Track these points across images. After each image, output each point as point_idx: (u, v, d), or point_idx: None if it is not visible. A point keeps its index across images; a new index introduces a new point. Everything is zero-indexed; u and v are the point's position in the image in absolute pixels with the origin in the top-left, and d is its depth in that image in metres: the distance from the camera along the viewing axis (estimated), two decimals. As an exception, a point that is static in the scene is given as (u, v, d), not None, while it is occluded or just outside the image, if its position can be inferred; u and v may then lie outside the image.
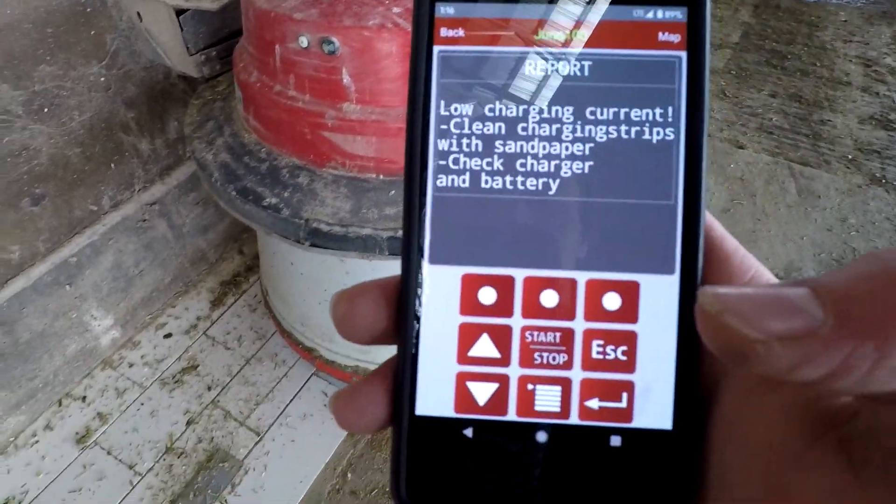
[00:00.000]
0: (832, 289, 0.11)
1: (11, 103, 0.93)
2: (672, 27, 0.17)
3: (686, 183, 0.17)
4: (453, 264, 0.17)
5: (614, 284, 0.17)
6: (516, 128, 0.17)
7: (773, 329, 0.11)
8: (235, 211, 0.89)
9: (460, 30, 0.17)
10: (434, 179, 0.17)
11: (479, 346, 0.17)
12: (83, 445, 1.16)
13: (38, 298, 1.10)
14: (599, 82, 0.17)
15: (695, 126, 0.16)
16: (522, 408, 0.17)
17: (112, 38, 1.03)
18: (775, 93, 2.10)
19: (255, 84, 0.86)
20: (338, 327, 0.17)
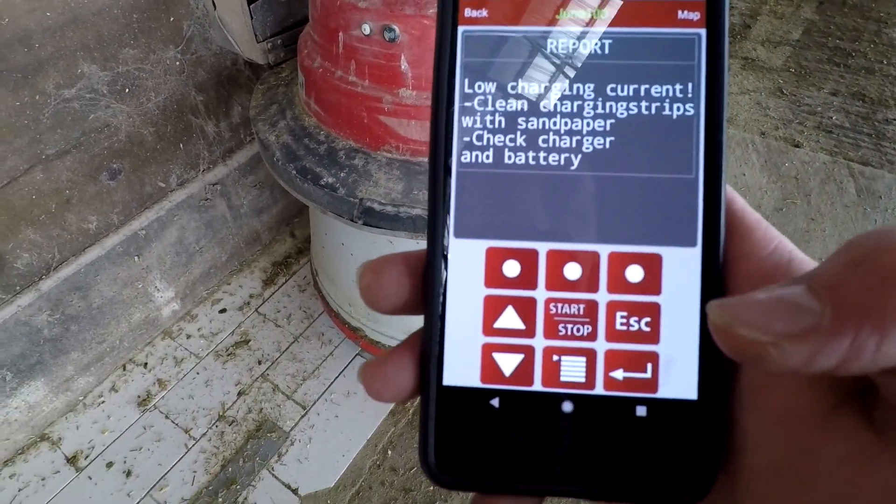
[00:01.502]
0: (824, 281, 0.12)
1: (99, 83, 1.01)
2: (691, 5, 0.17)
3: (706, 157, 0.17)
4: (478, 238, 0.17)
5: (637, 257, 0.17)
6: (539, 105, 0.17)
7: (780, 330, 0.12)
8: (294, 189, 0.94)
9: (484, 10, 0.17)
10: (458, 155, 0.17)
11: (504, 318, 0.17)
12: (144, 408, 1.24)
13: (111, 267, 1.18)
14: (621, 59, 0.17)
15: (714, 101, 0.17)
16: (548, 378, 0.17)
17: (188, 24, 1.10)
18: (837, 91, 2.02)
19: (318, 70, 0.91)
20: (362, 296, 0.18)
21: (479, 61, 0.17)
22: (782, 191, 1.69)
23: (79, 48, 0.96)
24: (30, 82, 0.93)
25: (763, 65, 2.17)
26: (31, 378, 1.13)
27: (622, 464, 0.17)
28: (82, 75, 0.99)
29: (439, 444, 0.17)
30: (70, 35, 0.94)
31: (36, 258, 1.06)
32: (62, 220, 1.07)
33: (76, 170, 1.05)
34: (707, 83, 0.17)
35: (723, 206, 0.17)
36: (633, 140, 0.17)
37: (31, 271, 1.06)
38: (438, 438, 0.17)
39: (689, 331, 0.17)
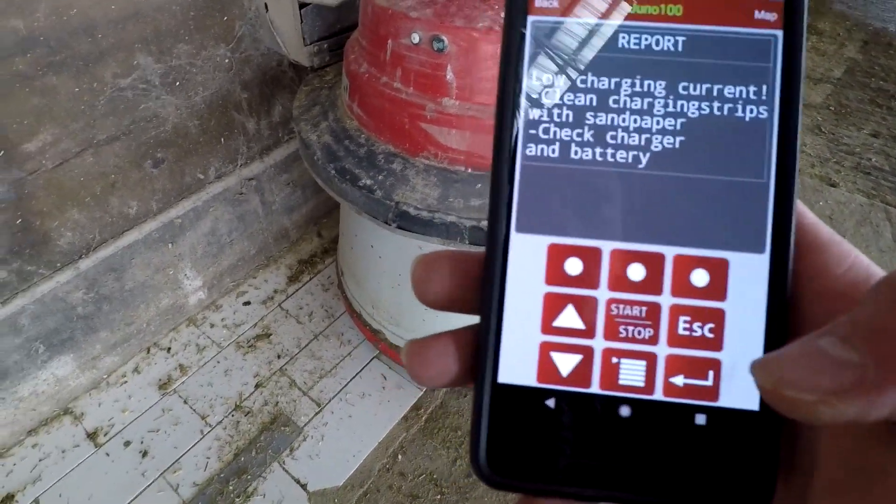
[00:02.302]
0: (861, 331, 0.12)
1: (152, 75, 1.05)
2: (769, 5, 0.16)
3: (778, 162, 0.16)
4: (540, 233, 0.17)
5: (703, 261, 0.16)
6: (608, 100, 0.17)
7: (827, 387, 0.12)
8: (332, 189, 0.96)
9: (554, 1, 0.17)
10: (524, 148, 0.17)
11: (563, 317, 0.17)
12: (164, 392, 1.27)
13: (146, 252, 1.22)
14: (693, 58, 0.17)
15: (789, 105, 0.16)
16: (606, 381, 0.17)
17: (240, 24, 1.14)
18: (878, 133, 1.99)
19: (364, 75, 0.93)
20: (414, 288, 0.18)
21: (547, 52, 0.17)
22: (814, 228, 1.66)
23: (137, 41, 1.01)
24: (90, 70, 0.97)
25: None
26: (62, 353, 1.16)
27: (677, 473, 0.16)
28: (138, 66, 1.03)
29: (491, 442, 0.17)
30: (131, 28, 0.99)
31: (78, 238, 1.10)
32: (106, 203, 1.11)
33: (123, 156, 1.09)
34: (782, 86, 0.16)
35: (794, 213, 0.16)
36: (704, 141, 0.17)
37: (72, 250, 1.10)
38: (491, 437, 0.17)
39: (754, 339, 0.16)
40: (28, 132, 0.94)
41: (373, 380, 1.30)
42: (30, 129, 0.94)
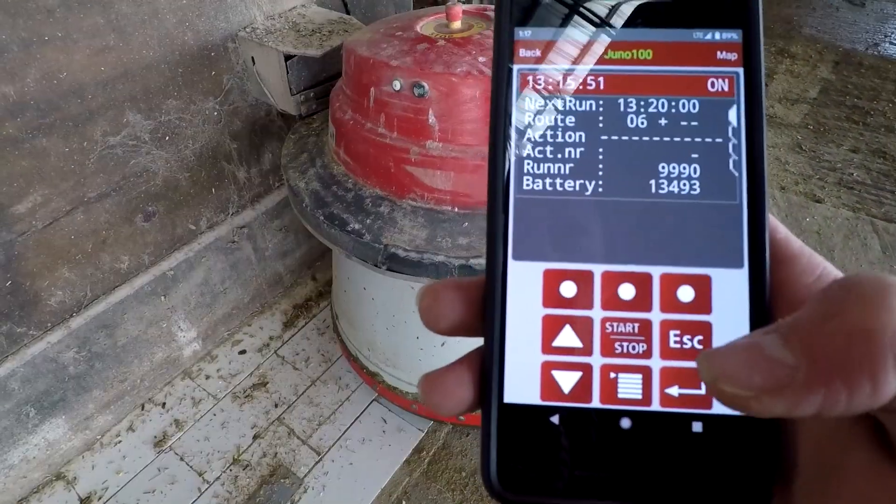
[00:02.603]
0: (798, 333, 0.13)
1: (142, 131, 1.07)
2: (729, 46, 0.18)
3: (749, 183, 0.18)
4: (536, 260, 0.18)
5: (687, 278, 0.18)
6: (592, 134, 0.18)
7: (759, 385, 0.13)
8: (321, 235, 0.96)
9: (537, 50, 0.19)
10: (516, 183, 0.19)
11: (562, 337, 0.18)
12: (160, 449, 1.24)
13: (138, 306, 1.21)
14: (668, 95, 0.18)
15: (755, 132, 0.18)
16: (606, 395, 0.17)
17: (228, 78, 1.17)
18: (857, 148, 2.03)
19: (349, 121, 0.95)
20: (422, 316, 0.18)
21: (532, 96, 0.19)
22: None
23: (126, 99, 1.03)
24: (79, 130, 0.99)
25: (781, 121, 2.20)
26: (53, 415, 1.14)
27: (679, 479, 0.17)
28: (127, 124, 1.05)
29: (501, 460, 0.17)
30: (120, 87, 1.01)
31: (69, 296, 1.09)
32: (97, 259, 1.11)
33: (114, 212, 1.10)
34: (747, 117, 0.18)
35: (766, 229, 0.18)
36: (680, 168, 0.18)
37: (63, 309, 1.09)
38: (500, 455, 0.17)
39: None
40: (18, 194, 0.95)
41: (373, 424, 1.27)
42: (19, 191, 0.95)
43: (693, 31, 0.18)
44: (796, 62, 2.56)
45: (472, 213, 0.90)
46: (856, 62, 2.54)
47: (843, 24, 2.88)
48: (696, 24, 0.18)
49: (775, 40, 2.74)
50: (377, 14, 1.43)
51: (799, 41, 2.72)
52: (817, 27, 2.85)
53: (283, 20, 1.18)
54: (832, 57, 2.59)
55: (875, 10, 3.02)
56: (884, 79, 2.42)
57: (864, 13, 2.98)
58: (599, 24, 0.19)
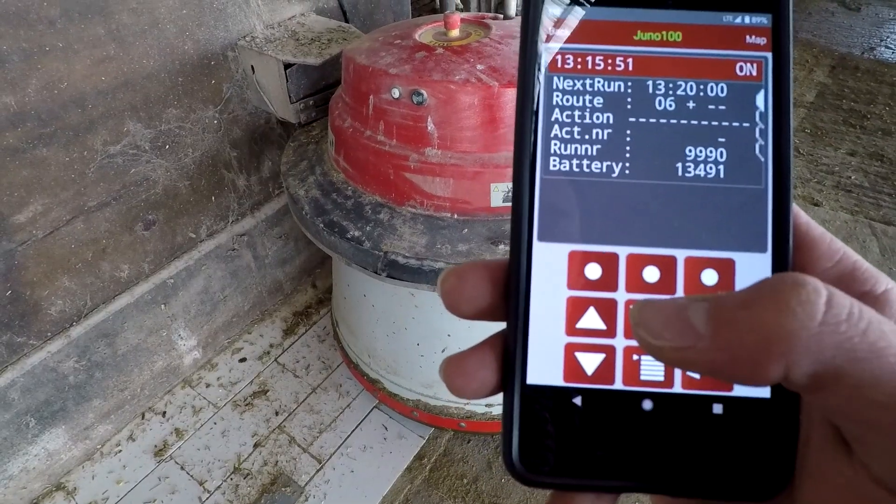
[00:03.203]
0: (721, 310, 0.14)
1: (142, 140, 1.07)
2: (758, 31, 0.18)
3: (775, 168, 0.18)
4: (561, 241, 0.18)
5: (711, 261, 0.18)
6: (619, 116, 0.18)
7: (668, 339, 0.14)
8: (321, 242, 0.97)
9: (566, 30, 0.19)
10: (543, 164, 0.18)
11: (586, 319, 0.18)
12: (160, 458, 1.23)
13: (138, 315, 1.21)
14: (697, 78, 0.18)
15: (782, 117, 0.18)
16: (628, 377, 0.18)
17: (228, 86, 1.17)
18: (854, 151, 2.04)
19: (348, 129, 0.96)
20: (444, 300, 0.18)
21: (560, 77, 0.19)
22: (804, 249, 1.68)
23: (127, 108, 1.03)
24: (80, 139, 0.99)
25: (778, 125, 2.20)
26: (53, 425, 1.14)
27: (700, 460, 0.17)
28: (127, 133, 1.05)
29: (523, 441, 0.18)
30: (120, 97, 1.02)
31: (69, 305, 1.09)
32: (97, 268, 1.11)
33: (114, 220, 1.10)
34: (774, 102, 0.18)
35: (791, 214, 0.18)
36: (708, 151, 0.18)
37: (63, 318, 1.09)
38: (522, 436, 0.18)
39: None
40: (18, 204, 0.95)
41: (373, 431, 1.27)
42: (20, 201, 0.95)
43: (723, 14, 0.18)
44: (793, 66, 2.57)
45: (472, 220, 0.90)
46: (852, 66, 2.56)
47: (838, 28, 2.90)
48: (725, 7, 0.18)
49: (772, 45, 2.75)
50: (376, 22, 1.44)
51: (795, 46, 2.73)
52: (813, 32, 2.87)
53: (282, 29, 1.19)
54: (828, 61, 2.61)
55: (870, 14, 3.04)
56: (880, 82, 2.43)
57: (859, 17, 3.00)
58: (630, 4, 0.19)
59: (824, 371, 0.13)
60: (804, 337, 0.13)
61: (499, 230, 0.89)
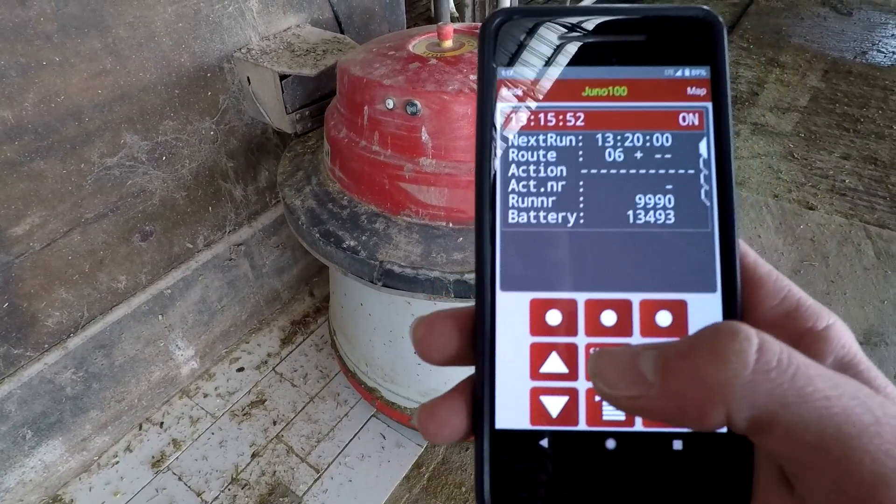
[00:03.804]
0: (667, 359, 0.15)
1: (139, 152, 1.08)
2: (698, 83, 0.19)
3: (720, 212, 0.19)
4: (522, 290, 0.19)
5: (665, 303, 0.19)
6: (572, 168, 0.19)
7: (621, 390, 0.16)
8: (317, 252, 0.97)
9: (518, 89, 0.20)
10: (502, 217, 0.19)
11: (549, 363, 0.19)
12: (157, 469, 1.23)
13: (135, 325, 1.21)
14: (643, 129, 0.19)
15: (724, 163, 0.19)
16: (591, 418, 0.18)
17: (224, 98, 1.18)
18: (848, 155, 2.05)
19: (344, 140, 0.96)
20: (416, 348, 0.19)
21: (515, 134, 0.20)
22: (799, 252, 1.69)
23: (123, 121, 1.04)
24: (77, 152, 1.00)
25: (773, 130, 2.22)
26: (50, 437, 1.14)
27: (663, 495, 0.18)
28: (124, 145, 1.06)
29: (494, 483, 0.18)
30: (117, 109, 1.02)
31: (66, 316, 1.09)
32: (94, 279, 1.11)
33: (111, 232, 1.11)
34: (715, 147, 0.19)
35: (737, 254, 0.19)
36: (655, 198, 0.19)
37: (60, 329, 1.09)
38: (493, 478, 0.18)
39: None
40: (15, 216, 0.96)
41: (371, 440, 1.27)
42: (17, 214, 0.96)
43: (664, 68, 0.20)
44: (786, 71, 2.60)
45: (467, 228, 0.91)
46: (844, 70, 2.58)
47: (831, 33, 2.92)
48: (666, 62, 0.20)
49: (765, 50, 2.78)
50: (371, 33, 1.45)
51: (788, 51, 2.76)
52: (806, 37, 2.89)
53: (277, 40, 1.20)
54: (821, 66, 2.63)
55: (862, 18, 3.06)
56: (872, 86, 2.45)
57: (851, 22, 3.02)
58: (577, 63, 0.20)
59: (760, 416, 0.14)
60: (738, 385, 0.14)
61: (493, 238, 0.89)
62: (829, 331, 0.17)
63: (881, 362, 1.38)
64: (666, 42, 0.20)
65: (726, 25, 0.20)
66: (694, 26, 0.20)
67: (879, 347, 1.41)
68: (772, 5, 3.28)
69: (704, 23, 0.19)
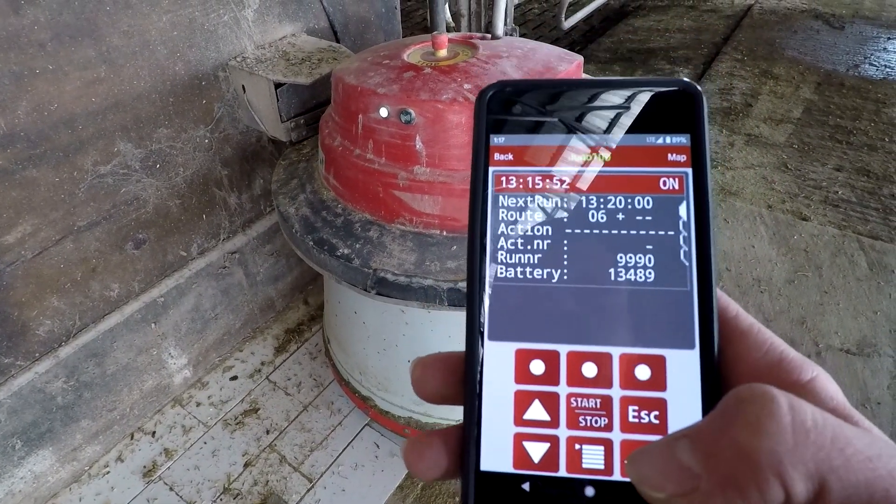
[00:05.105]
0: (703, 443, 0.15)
1: (133, 160, 1.08)
2: (679, 150, 0.21)
3: (699, 271, 0.20)
4: (508, 340, 0.20)
5: (644, 357, 0.19)
6: (557, 228, 0.21)
7: (671, 491, 0.15)
8: (311, 260, 0.97)
9: (510, 154, 0.22)
10: (492, 271, 0.21)
11: (532, 411, 0.20)
12: (149, 479, 1.22)
13: (128, 334, 1.20)
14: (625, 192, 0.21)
15: (703, 225, 0.20)
16: (571, 465, 0.19)
17: (219, 106, 1.18)
18: (841, 166, 2.07)
19: (338, 148, 0.96)
20: (414, 387, 0.21)
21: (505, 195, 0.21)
22: (793, 263, 1.69)
23: (117, 129, 1.04)
24: (70, 160, 0.99)
25: (766, 141, 2.24)
26: (40, 447, 1.12)
27: None
28: (118, 153, 1.06)
29: None
30: (111, 118, 1.02)
31: (58, 325, 1.09)
32: (86, 287, 1.11)
33: (104, 240, 1.10)
34: (696, 211, 0.20)
35: (715, 312, 0.19)
36: (637, 258, 0.20)
37: (51, 338, 1.09)
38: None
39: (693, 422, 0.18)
40: (7, 224, 0.95)
41: (365, 449, 1.26)
42: (9, 222, 0.95)
43: (646, 135, 0.21)
44: (780, 83, 2.62)
45: (461, 237, 0.91)
46: (837, 83, 2.60)
47: (823, 46, 2.95)
48: (649, 130, 0.21)
49: (758, 62, 2.80)
50: (367, 42, 1.46)
51: (781, 63, 2.79)
52: (799, 49, 2.92)
53: (273, 49, 1.20)
54: (814, 78, 2.65)
55: (854, 32, 3.10)
56: (865, 99, 2.47)
57: (843, 35, 3.06)
58: (564, 130, 0.21)
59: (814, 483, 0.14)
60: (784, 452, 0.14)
61: (487, 247, 0.89)
62: (814, 383, 0.17)
63: (874, 373, 1.38)
64: (648, 111, 0.21)
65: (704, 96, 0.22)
66: (675, 97, 0.21)
67: (872, 358, 1.42)
68: (765, 18, 3.32)
69: (685, 94, 0.21)
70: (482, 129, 0.22)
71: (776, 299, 1.59)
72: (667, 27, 3.33)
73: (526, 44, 0.99)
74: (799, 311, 1.54)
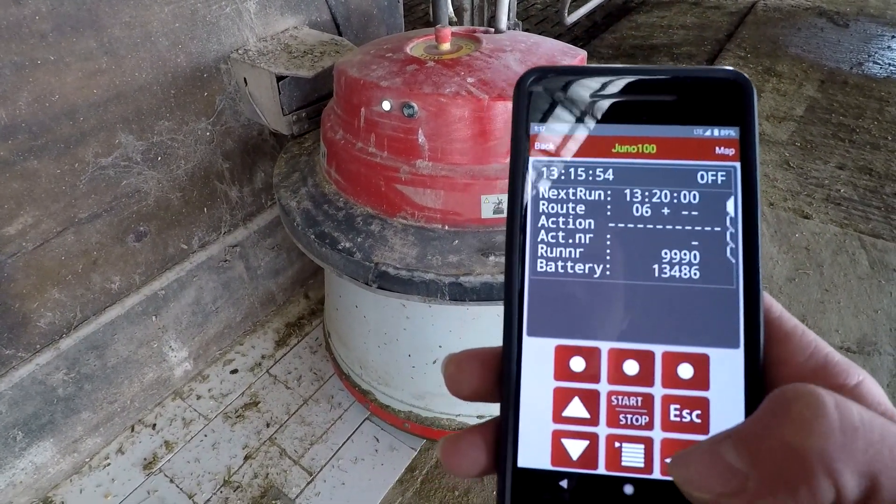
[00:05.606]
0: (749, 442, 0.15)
1: (134, 152, 1.07)
2: (727, 142, 0.20)
3: (745, 270, 0.19)
4: (548, 336, 0.20)
5: (687, 356, 0.19)
6: (600, 222, 0.20)
7: (718, 491, 0.15)
8: (312, 253, 0.97)
9: (551, 144, 0.21)
10: (531, 265, 0.20)
11: (571, 408, 0.19)
12: (149, 471, 1.22)
13: (128, 326, 1.20)
14: (671, 186, 0.20)
15: (750, 222, 0.19)
16: (610, 463, 0.19)
17: (220, 99, 1.18)
18: (843, 165, 2.06)
19: (340, 141, 0.96)
20: (447, 384, 0.21)
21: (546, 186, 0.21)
22: (794, 261, 1.69)
23: (119, 121, 1.04)
24: (71, 151, 0.99)
25: (769, 138, 2.23)
26: (41, 438, 1.13)
27: None
28: (119, 145, 1.06)
29: None
30: (112, 109, 1.02)
31: (59, 317, 1.09)
32: (87, 280, 1.11)
33: (105, 232, 1.10)
34: (743, 207, 0.20)
35: (761, 311, 0.19)
36: (683, 254, 0.20)
37: (52, 330, 1.09)
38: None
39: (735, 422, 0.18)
40: (8, 216, 0.95)
41: (365, 443, 1.26)
42: (10, 213, 0.95)
43: (694, 127, 0.20)
44: (783, 81, 2.61)
45: (462, 231, 0.91)
46: (840, 81, 2.59)
47: (827, 43, 2.94)
48: (696, 122, 0.20)
49: (762, 59, 2.79)
50: (369, 35, 1.45)
51: (785, 60, 2.78)
52: (802, 47, 2.91)
53: (275, 42, 1.20)
54: (818, 76, 2.64)
55: (858, 30, 3.09)
56: (868, 97, 2.47)
57: (847, 33, 3.05)
58: (608, 120, 0.20)
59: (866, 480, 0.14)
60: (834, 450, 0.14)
61: (489, 241, 0.89)
62: (860, 387, 0.17)
63: (875, 371, 1.38)
64: (696, 102, 0.20)
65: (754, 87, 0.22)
66: (724, 87, 0.20)
67: (873, 357, 1.42)
68: (769, 15, 3.30)
69: (735, 84, 0.20)
70: (522, 116, 0.21)
71: (777, 297, 1.58)
72: (670, 23, 3.31)
73: (529, 38, 0.99)
74: (799, 309, 1.54)
